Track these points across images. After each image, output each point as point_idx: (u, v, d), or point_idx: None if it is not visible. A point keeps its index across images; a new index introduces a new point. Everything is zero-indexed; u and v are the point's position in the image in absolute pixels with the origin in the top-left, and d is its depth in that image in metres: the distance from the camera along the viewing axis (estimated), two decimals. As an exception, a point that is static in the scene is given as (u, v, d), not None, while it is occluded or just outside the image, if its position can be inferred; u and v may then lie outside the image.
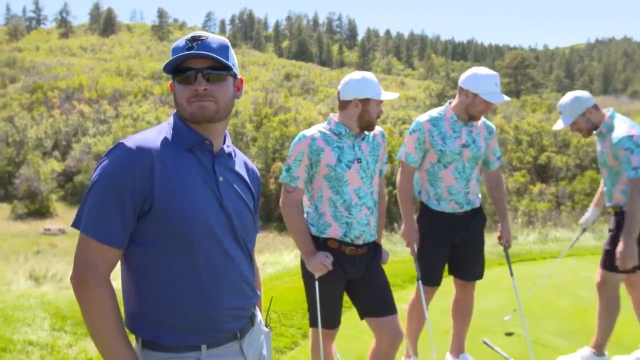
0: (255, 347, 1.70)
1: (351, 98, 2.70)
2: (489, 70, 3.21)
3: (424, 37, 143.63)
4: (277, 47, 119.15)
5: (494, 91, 3.13)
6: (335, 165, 2.68)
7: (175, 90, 1.59)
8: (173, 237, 1.50)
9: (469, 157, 3.27)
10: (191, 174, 1.55)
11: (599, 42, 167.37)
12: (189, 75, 1.54)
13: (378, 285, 2.83)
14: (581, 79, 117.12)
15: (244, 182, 1.71)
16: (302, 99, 56.85)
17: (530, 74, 74.26)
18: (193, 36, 1.57)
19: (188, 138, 1.59)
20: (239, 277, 1.62)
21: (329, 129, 2.76)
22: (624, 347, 3.92)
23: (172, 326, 1.53)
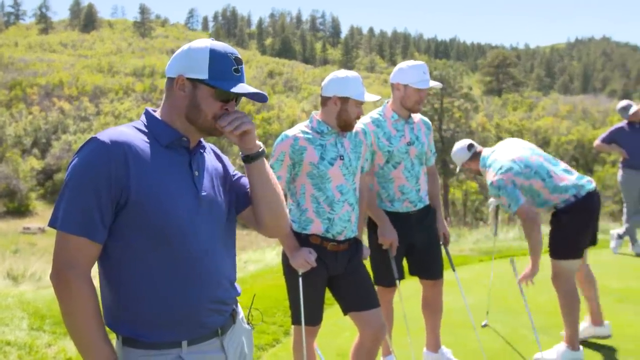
0: (236, 344, 1.70)
1: (331, 95, 2.73)
2: (415, 62, 3.31)
3: (407, 35, 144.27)
4: (260, 44, 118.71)
5: (423, 79, 3.20)
6: (318, 163, 2.71)
7: (201, 96, 1.57)
8: (151, 232, 1.50)
9: (415, 154, 3.33)
10: (167, 168, 1.55)
11: (578, 41, 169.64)
12: (228, 94, 1.58)
13: (360, 280, 2.86)
14: (561, 78, 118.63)
15: (218, 174, 1.72)
16: (285, 97, 56.72)
17: (511, 73, 74.95)
18: (237, 59, 1.60)
19: (166, 135, 1.59)
20: (218, 270, 1.62)
21: (311, 127, 2.78)
22: (601, 341, 3.99)
23: (152, 322, 1.53)
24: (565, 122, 45.17)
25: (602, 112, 47.24)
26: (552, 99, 65.97)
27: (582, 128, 39.03)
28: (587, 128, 39.27)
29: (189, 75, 1.56)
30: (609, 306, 4.72)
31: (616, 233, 6.50)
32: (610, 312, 4.58)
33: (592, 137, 30.54)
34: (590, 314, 4.00)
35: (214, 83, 1.55)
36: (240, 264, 6.79)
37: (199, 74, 1.56)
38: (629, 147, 6.20)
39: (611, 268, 5.83)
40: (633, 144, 6.16)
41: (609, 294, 5.05)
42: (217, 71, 1.55)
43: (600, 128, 35.42)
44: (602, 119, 44.14)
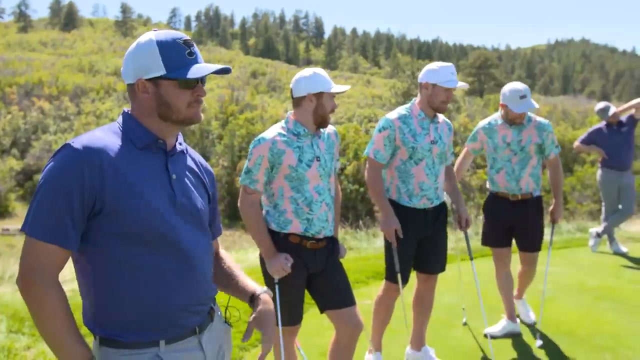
0: (214, 342, 1.70)
1: (305, 94, 2.75)
2: (444, 63, 3.38)
3: (389, 36, 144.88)
4: (243, 44, 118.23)
5: (451, 79, 3.29)
6: (296, 166, 2.72)
7: (166, 92, 1.55)
8: (128, 237, 1.49)
9: (437, 153, 3.39)
10: (143, 172, 1.54)
11: (558, 43, 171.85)
12: (193, 81, 1.56)
13: (337, 278, 2.88)
14: (542, 79, 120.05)
15: (197, 179, 1.72)
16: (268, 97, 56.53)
17: (493, 74, 75.56)
18: (186, 40, 1.57)
19: (142, 137, 1.58)
20: (197, 271, 1.62)
21: (287, 129, 2.79)
22: (579, 338, 4.05)
23: (130, 323, 1.52)
24: (545, 123, 45.66)
25: (582, 113, 47.81)
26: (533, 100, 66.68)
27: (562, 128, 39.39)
28: (567, 128, 39.65)
29: (148, 76, 1.54)
30: (588, 303, 4.81)
31: (595, 232, 6.61)
32: (588, 309, 4.67)
33: (572, 137, 30.89)
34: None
35: (174, 75, 1.53)
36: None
37: (156, 72, 1.53)
38: (607, 147, 6.32)
39: (590, 266, 5.93)
40: (611, 145, 6.28)
41: (587, 291, 5.14)
42: (172, 62, 1.53)
43: (579, 128, 35.88)
44: (581, 120, 44.65)
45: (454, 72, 3.33)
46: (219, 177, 34.61)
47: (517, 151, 3.91)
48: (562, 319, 4.44)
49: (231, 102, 46.45)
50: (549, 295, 5.04)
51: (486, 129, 4.04)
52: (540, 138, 3.91)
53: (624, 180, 6.27)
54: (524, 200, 3.98)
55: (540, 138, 3.91)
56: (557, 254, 6.54)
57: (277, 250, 2.77)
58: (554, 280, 5.47)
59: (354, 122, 44.05)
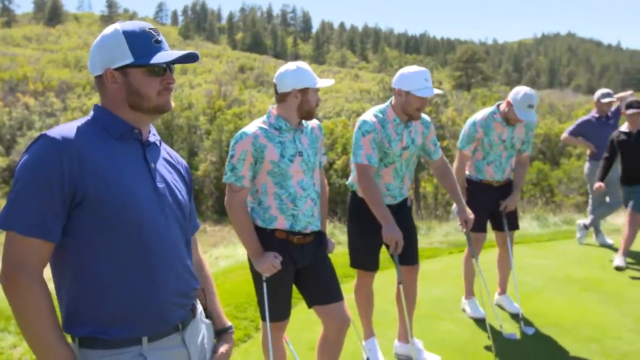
0: (197, 338, 1.68)
1: (290, 89, 2.72)
2: (417, 67, 3.32)
3: (377, 30, 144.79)
4: (230, 39, 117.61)
5: (424, 86, 3.22)
6: (278, 161, 2.69)
7: (138, 81, 1.54)
8: (110, 227, 1.47)
9: (407, 157, 3.43)
10: (123, 162, 1.53)
11: (545, 37, 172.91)
12: (161, 68, 1.55)
13: (324, 274, 2.87)
14: (528, 73, 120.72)
15: (175, 169, 1.71)
16: (256, 92, 56.40)
17: (480, 68, 75.99)
18: (152, 28, 1.56)
19: (117, 127, 1.56)
20: (179, 263, 1.61)
21: (269, 123, 2.75)
22: (565, 329, 4.09)
23: (113, 319, 1.49)
24: (532, 116, 45.99)
25: (568, 107, 48.31)
26: (519, 94, 67.01)
27: (549, 122, 39.75)
28: (553, 122, 40.00)
29: (116, 65, 1.53)
30: (573, 295, 4.85)
31: (582, 223, 6.66)
32: (574, 300, 4.71)
33: (558, 130, 31.17)
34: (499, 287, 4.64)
35: (142, 61, 1.52)
36: (212, 259, 6.75)
37: (124, 60, 1.52)
38: (595, 140, 6.34)
39: (576, 258, 5.99)
40: (599, 137, 6.30)
41: (573, 282, 5.19)
42: (140, 49, 1.52)
43: (566, 122, 36.17)
44: (567, 113, 45.08)
45: (428, 78, 3.25)
46: (208, 173, 34.48)
47: (508, 147, 4.16)
48: (549, 310, 4.48)
49: (219, 97, 46.23)
50: (537, 286, 5.09)
51: (483, 126, 4.10)
52: (526, 136, 4.22)
53: (611, 173, 6.31)
54: (505, 185, 4.30)
55: (526, 136, 4.22)
56: (544, 246, 6.61)
57: (264, 248, 2.75)
58: (541, 272, 5.53)
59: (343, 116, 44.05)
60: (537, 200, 12.80)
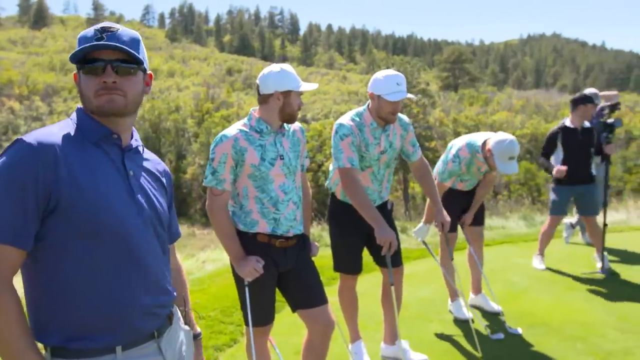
0: (174, 346, 1.65)
1: (272, 91, 2.68)
2: (390, 72, 3.30)
3: (365, 32, 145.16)
4: (218, 41, 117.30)
5: (395, 90, 3.21)
6: (259, 165, 2.65)
7: (81, 82, 1.52)
8: (83, 235, 1.43)
9: (385, 161, 3.42)
10: (100, 168, 1.49)
11: (530, 37, 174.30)
12: (97, 66, 1.48)
13: (308, 277, 2.84)
14: (515, 73, 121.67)
15: (155, 177, 1.67)
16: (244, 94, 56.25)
17: (467, 69, 76.39)
18: (103, 27, 1.51)
19: (95, 132, 1.52)
20: (156, 272, 1.57)
21: (250, 126, 2.72)
22: (551, 328, 4.11)
23: (85, 328, 1.45)
24: (519, 117, 46.34)
25: (554, 106, 48.70)
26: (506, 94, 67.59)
27: (536, 122, 40.09)
28: (540, 122, 40.35)
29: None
30: (560, 294, 4.88)
31: (569, 222, 6.71)
32: (560, 299, 4.74)
33: (544, 130, 31.44)
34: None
35: (72, 60, 1.48)
36: (198, 263, 6.70)
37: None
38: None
39: (562, 257, 6.02)
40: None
41: (559, 281, 5.22)
42: (81, 49, 1.48)
43: (552, 122, 36.50)
44: (554, 113, 45.48)
45: (401, 82, 3.22)
46: (196, 176, 34.33)
47: (483, 174, 4.34)
48: (536, 309, 4.49)
49: (207, 99, 46.09)
50: (523, 285, 5.11)
51: (467, 163, 4.16)
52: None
53: (596, 173, 6.35)
54: (473, 190, 4.46)
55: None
56: (531, 245, 6.63)
57: (245, 252, 2.71)
58: (527, 271, 5.55)
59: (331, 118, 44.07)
60: (524, 200, 12.88)
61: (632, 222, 8.38)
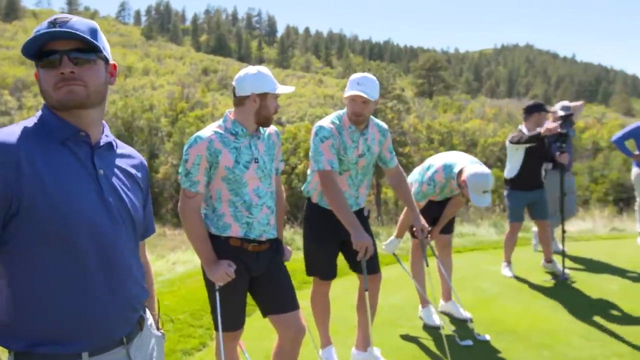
0: (144, 352, 1.62)
1: (249, 93, 2.66)
2: (359, 74, 3.32)
3: (342, 36, 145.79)
4: (194, 40, 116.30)
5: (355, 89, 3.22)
6: (233, 167, 2.62)
7: (40, 77, 1.46)
8: (50, 237, 1.39)
9: (363, 165, 3.42)
10: (66, 167, 1.44)
11: (504, 47, 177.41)
12: (53, 59, 1.42)
13: (279, 282, 2.81)
14: (488, 82, 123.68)
15: (128, 174, 1.62)
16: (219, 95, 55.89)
17: (442, 76, 77.40)
18: (56, 17, 1.45)
19: (61, 130, 1.47)
20: (127, 276, 1.53)
21: (225, 128, 2.68)
22: (518, 335, 4.16)
23: (52, 333, 1.41)
24: (491, 125, 47.15)
25: (526, 115, 49.67)
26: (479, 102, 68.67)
27: (508, 131, 40.80)
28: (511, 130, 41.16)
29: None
30: (527, 301, 4.95)
31: (537, 231, 6.81)
32: (528, 307, 4.81)
33: (516, 139, 31.97)
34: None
35: (26, 55, 1.44)
36: (169, 265, 6.60)
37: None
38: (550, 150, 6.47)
39: (531, 264, 6.11)
40: (553, 148, 6.43)
41: (527, 289, 5.30)
42: (27, 43, 1.42)
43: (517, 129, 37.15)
44: (525, 122, 46.41)
45: (361, 82, 3.23)
46: (168, 175, 33.92)
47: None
48: (504, 317, 4.55)
49: (181, 99, 45.66)
50: (493, 293, 5.18)
51: (442, 187, 4.21)
52: None
53: (565, 182, 6.48)
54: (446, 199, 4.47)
55: None
56: (501, 253, 6.72)
57: (217, 255, 2.68)
58: (497, 279, 5.62)
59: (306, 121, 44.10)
60: (495, 207, 13.06)
61: (598, 231, 8.57)
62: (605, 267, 6.08)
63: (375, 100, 3.28)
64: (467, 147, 40.59)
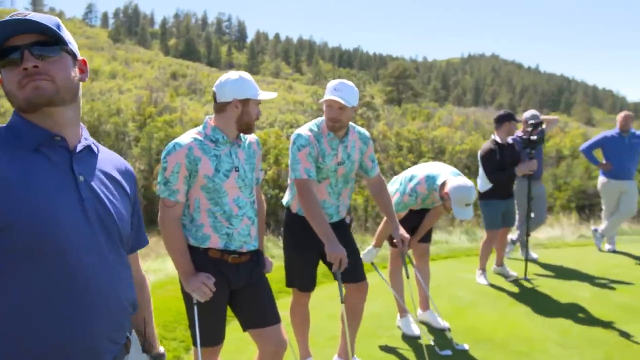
0: None
1: (230, 99, 2.58)
2: (337, 80, 3.28)
3: (312, 43, 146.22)
4: (163, 44, 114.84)
5: (332, 94, 3.17)
6: (213, 176, 2.52)
7: (3, 79, 1.35)
8: (26, 256, 1.26)
9: (342, 174, 3.35)
10: (41, 177, 1.31)
11: (471, 57, 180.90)
12: (14, 57, 1.31)
13: (260, 295, 2.72)
14: (455, 91, 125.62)
15: (113, 180, 1.51)
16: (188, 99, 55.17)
17: (410, 84, 78.09)
18: (12, 15, 1.35)
19: (33, 136, 1.35)
20: (114, 294, 1.41)
21: (205, 135, 2.59)
22: (496, 344, 4.16)
23: (30, 356, 1.29)
24: (459, 133, 47.80)
25: (492, 124, 50.57)
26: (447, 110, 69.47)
27: (474, 138, 41.36)
28: (478, 138, 41.61)
29: None
30: (504, 309, 4.97)
31: (510, 238, 6.88)
32: (504, 314, 4.82)
33: (483, 147, 32.52)
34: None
35: None
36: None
37: None
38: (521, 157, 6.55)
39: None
40: (524, 155, 6.50)
41: (502, 296, 5.33)
42: None
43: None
44: (491, 130, 47.23)
45: (338, 88, 3.17)
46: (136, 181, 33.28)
47: None
48: (481, 325, 4.55)
49: (149, 103, 44.89)
50: (469, 300, 5.18)
51: (424, 197, 4.19)
52: None
53: (536, 190, 6.57)
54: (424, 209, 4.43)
55: None
56: (475, 260, 6.76)
57: (196, 268, 2.57)
58: (472, 287, 5.64)
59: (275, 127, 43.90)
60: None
61: (567, 239, 8.72)
62: (575, 274, 6.17)
63: (353, 107, 3.23)
64: (436, 155, 40.93)
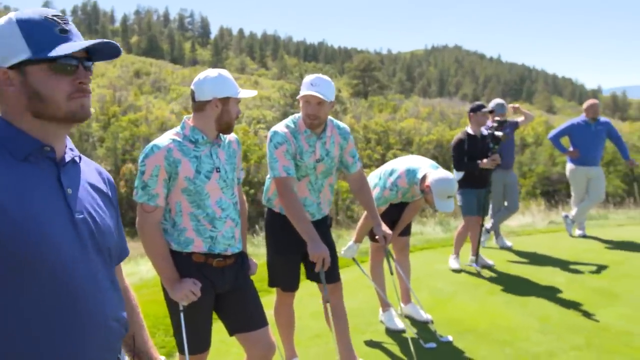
0: None
1: (210, 98, 2.48)
2: (313, 75, 3.21)
3: (276, 38, 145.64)
4: (125, 42, 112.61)
5: (309, 89, 3.11)
6: (194, 178, 2.43)
7: (36, 81, 1.25)
8: (15, 273, 1.19)
9: (322, 170, 3.28)
10: (29, 190, 1.23)
11: (434, 48, 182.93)
12: (71, 65, 1.27)
13: (247, 299, 2.65)
14: (420, 82, 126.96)
15: (99, 191, 1.43)
16: (153, 98, 54.31)
17: (376, 77, 78.54)
18: (57, 16, 1.28)
19: (22, 145, 1.26)
20: (105, 311, 1.34)
21: (184, 135, 2.49)
22: (479, 334, 4.18)
23: None
24: (425, 124, 48.30)
25: (457, 114, 51.24)
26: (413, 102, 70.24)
27: (441, 129, 41.98)
28: (444, 129, 42.28)
29: (10, 63, 1.25)
30: (483, 299, 5.00)
31: (484, 228, 6.94)
32: (484, 304, 4.85)
33: (449, 137, 33.00)
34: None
35: (43, 56, 1.23)
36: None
37: (20, 55, 1.23)
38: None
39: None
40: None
41: (481, 285, 5.36)
42: (40, 41, 1.24)
43: (456, 129, 38.36)
44: (457, 120, 47.86)
45: (315, 83, 3.11)
46: (101, 183, 32.61)
47: None
48: (463, 316, 4.57)
49: (113, 102, 44.04)
50: (449, 292, 5.20)
51: (404, 191, 4.16)
52: None
53: (508, 179, 6.64)
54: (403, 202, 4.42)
55: None
56: (450, 250, 6.81)
57: (180, 273, 2.48)
58: (451, 278, 5.67)
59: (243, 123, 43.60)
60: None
61: (538, 225, 8.87)
62: (550, 260, 6.27)
63: (331, 101, 3.17)
64: (404, 146, 41.38)
